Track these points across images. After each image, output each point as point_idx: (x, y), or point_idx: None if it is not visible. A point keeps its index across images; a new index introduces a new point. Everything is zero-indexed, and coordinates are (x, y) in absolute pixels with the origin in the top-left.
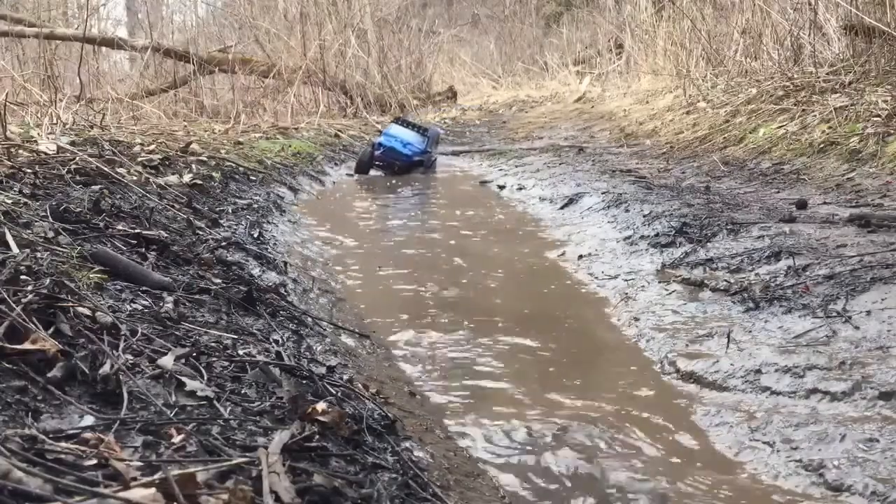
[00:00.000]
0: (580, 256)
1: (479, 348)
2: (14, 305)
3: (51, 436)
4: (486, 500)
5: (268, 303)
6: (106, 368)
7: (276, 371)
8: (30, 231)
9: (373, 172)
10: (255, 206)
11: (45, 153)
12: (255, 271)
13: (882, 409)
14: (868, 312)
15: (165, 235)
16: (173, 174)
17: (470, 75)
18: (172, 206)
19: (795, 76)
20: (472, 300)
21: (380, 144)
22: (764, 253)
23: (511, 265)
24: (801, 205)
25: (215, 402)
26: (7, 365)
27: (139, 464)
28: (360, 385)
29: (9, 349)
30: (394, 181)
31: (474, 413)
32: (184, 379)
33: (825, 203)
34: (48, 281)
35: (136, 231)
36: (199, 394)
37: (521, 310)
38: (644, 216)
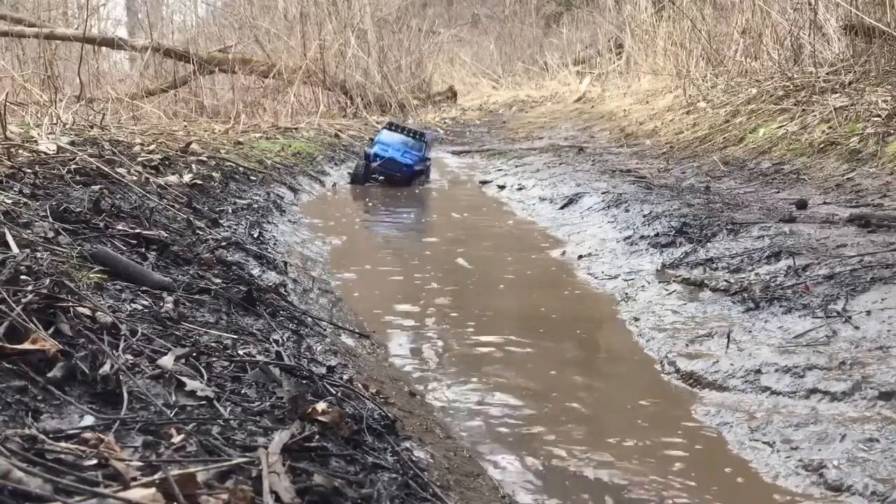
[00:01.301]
0: (580, 256)
1: (476, 350)
2: (14, 305)
3: (51, 436)
4: (486, 500)
5: (268, 303)
6: (106, 368)
7: (276, 371)
8: (30, 231)
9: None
10: (255, 206)
11: (45, 153)
12: (255, 271)
13: (882, 409)
14: (868, 312)
15: (165, 235)
16: (173, 174)
17: (470, 75)
18: (172, 206)
19: (795, 76)
20: (472, 300)
21: (376, 156)
22: (764, 253)
23: (511, 265)
24: (801, 205)
25: (215, 402)
26: (7, 365)
27: (139, 464)
28: (360, 385)
29: (9, 349)
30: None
31: (472, 412)
32: (184, 379)
33: (825, 203)
34: (48, 281)
35: (136, 231)
36: (199, 394)
37: (519, 310)
38: (644, 216)
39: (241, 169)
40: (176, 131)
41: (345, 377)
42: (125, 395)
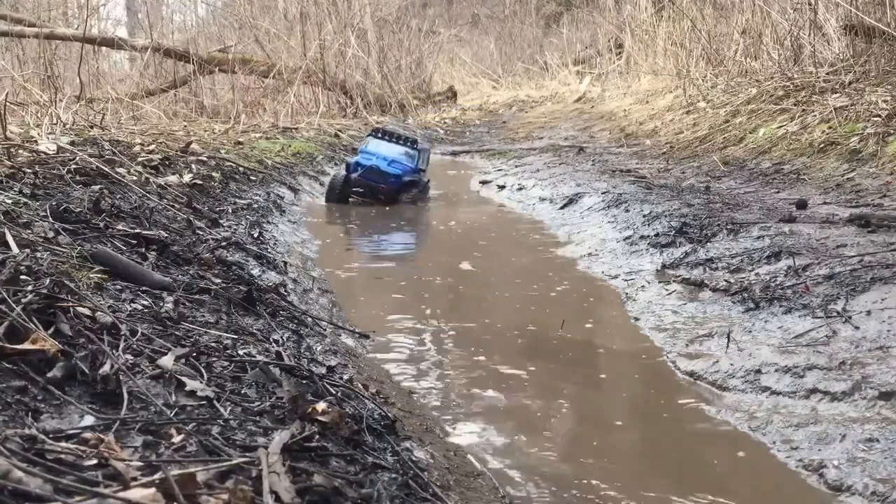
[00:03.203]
0: (580, 257)
1: (475, 348)
2: (14, 305)
3: (51, 436)
4: (486, 501)
5: (268, 303)
6: (106, 368)
7: (276, 371)
8: (30, 231)
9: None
10: (255, 206)
11: (45, 153)
12: (255, 271)
13: (882, 409)
14: (868, 312)
15: (165, 235)
16: (173, 174)
17: (470, 75)
18: (172, 206)
19: (795, 76)
20: (472, 300)
21: (357, 164)
22: (764, 253)
23: (511, 266)
24: (801, 205)
25: (215, 402)
26: (7, 365)
27: (139, 464)
28: (360, 385)
29: (9, 349)
30: None
31: (475, 407)
32: (184, 379)
33: (825, 203)
34: (48, 281)
35: (136, 231)
36: (199, 394)
37: (518, 310)
38: (644, 216)
39: (241, 169)
40: (176, 131)
41: (345, 377)
42: (125, 395)
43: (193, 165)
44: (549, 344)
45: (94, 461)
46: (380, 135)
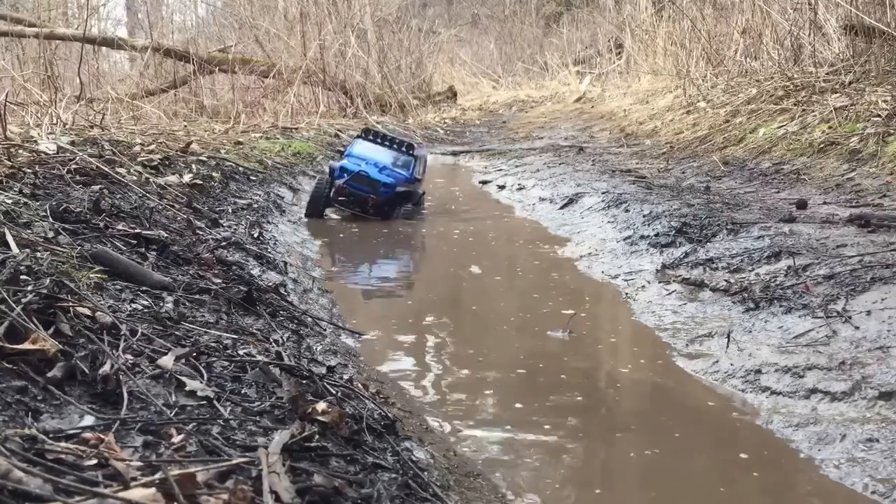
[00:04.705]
0: (580, 257)
1: (474, 346)
2: (14, 305)
3: (51, 436)
4: (486, 500)
5: (268, 303)
6: (106, 368)
7: (276, 371)
8: (30, 231)
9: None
10: (255, 206)
11: (45, 153)
12: (255, 271)
13: (882, 409)
14: (868, 312)
15: (165, 235)
16: (173, 174)
17: (470, 75)
18: (172, 206)
19: (795, 76)
20: (470, 299)
21: (342, 170)
22: (764, 253)
23: (510, 266)
24: (801, 205)
25: (215, 402)
26: (7, 365)
27: (139, 464)
28: (360, 385)
29: (9, 349)
30: None
31: (469, 413)
32: (184, 379)
33: (825, 203)
34: (48, 281)
35: (136, 231)
36: (199, 394)
37: (517, 310)
38: (644, 216)
39: (241, 169)
40: (176, 131)
41: (345, 377)
42: (125, 395)
43: (193, 165)
44: (548, 343)
45: (94, 461)
46: (370, 137)
